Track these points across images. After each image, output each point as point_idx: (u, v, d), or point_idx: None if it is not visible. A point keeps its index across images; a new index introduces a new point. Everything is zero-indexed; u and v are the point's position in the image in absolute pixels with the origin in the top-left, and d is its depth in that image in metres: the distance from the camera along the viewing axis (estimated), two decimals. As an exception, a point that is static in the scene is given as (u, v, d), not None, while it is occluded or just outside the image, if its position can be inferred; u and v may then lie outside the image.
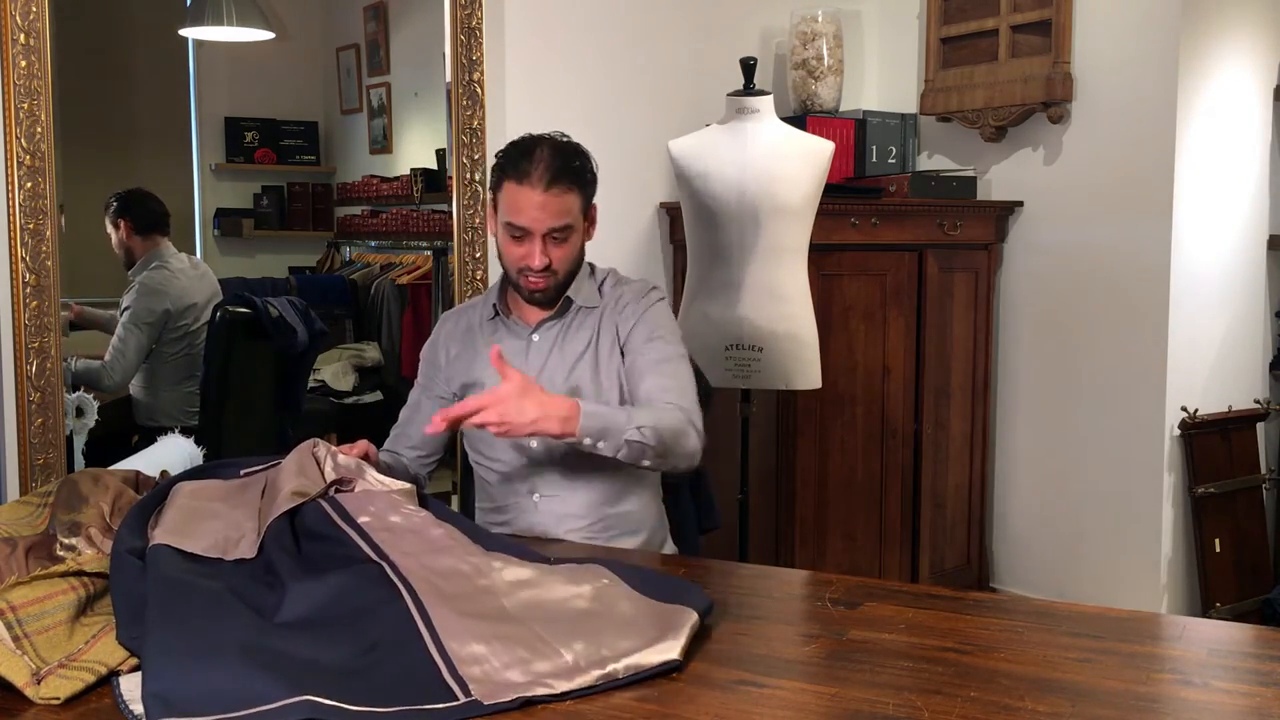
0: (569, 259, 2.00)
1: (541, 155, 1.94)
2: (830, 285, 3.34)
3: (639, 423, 1.84)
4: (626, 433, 1.82)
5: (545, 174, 1.92)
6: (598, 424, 1.80)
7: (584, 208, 2.01)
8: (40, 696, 1.24)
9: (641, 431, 1.83)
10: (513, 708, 1.22)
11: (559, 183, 1.93)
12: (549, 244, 1.96)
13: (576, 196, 1.97)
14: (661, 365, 2.00)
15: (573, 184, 1.95)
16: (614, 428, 1.82)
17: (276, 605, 1.41)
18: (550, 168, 1.93)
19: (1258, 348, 3.71)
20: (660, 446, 1.87)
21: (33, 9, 2.33)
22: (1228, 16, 3.45)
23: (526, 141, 1.99)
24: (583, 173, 1.99)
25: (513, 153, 1.98)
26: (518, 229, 1.95)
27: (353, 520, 1.59)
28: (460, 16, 3.01)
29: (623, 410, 1.88)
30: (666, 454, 1.89)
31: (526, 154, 1.95)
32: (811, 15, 3.64)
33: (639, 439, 1.83)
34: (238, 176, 4.29)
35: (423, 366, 2.18)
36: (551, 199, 1.93)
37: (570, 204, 1.96)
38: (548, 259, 1.96)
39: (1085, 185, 3.56)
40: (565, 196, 1.94)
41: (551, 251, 1.97)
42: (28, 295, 2.36)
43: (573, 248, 2.00)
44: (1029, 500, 3.81)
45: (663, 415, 1.90)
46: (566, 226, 1.96)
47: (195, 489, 1.70)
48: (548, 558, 1.65)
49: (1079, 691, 1.27)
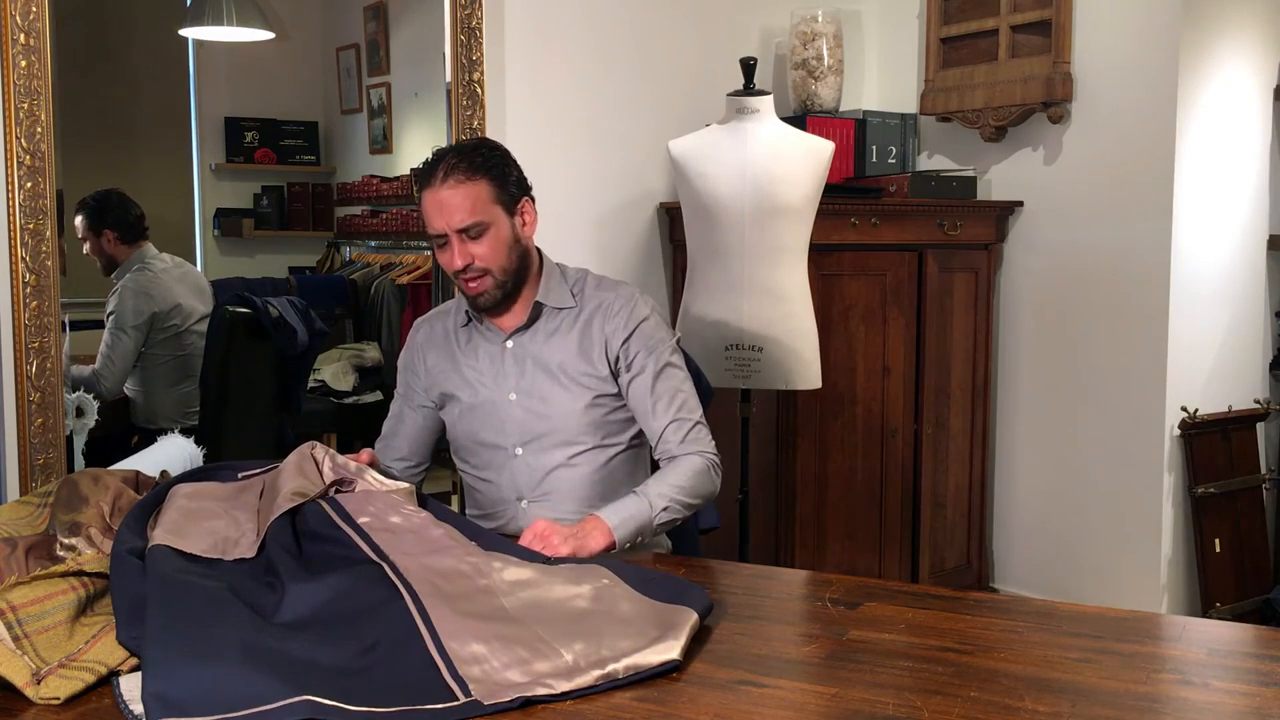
0: (495, 255, 1.94)
1: (445, 158, 1.93)
2: (830, 285, 3.34)
3: (663, 503, 1.90)
4: (656, 520, 1.89)
5: (443, 171, 1.91)
6: (630, 530, 1.85)
7: (501, 198, 1.94)
8: (40, 696, 1.24)
9: (667, 510, 1.91)
10: (513, 708, 1.22)
11: (455, 174, 1.90)
12: (466, 242, 1.92)
13: (482, 186, 1.91)
14: (671, 395, 2.01)
15: (473, 173, 1.91)
16: (644, 524, 1.88)
17: (276, 605, 1.41)
18: (449, 165, 1.91)
19: (1258, 348, 3.71)
20: (686, 510, 1.95)
21: (33, 9, 2.32)
22: (1228, 16, 3.45)
23: (436, 152, 1.97)
24: (486, 161, 1.93)
25: (423, 166, 1.97)
26: (436, 237, 1.94)
27: (353, 520, 1.59)
28: (460, 16, 3.01)
29: (642, 498, 1.90)
30: (692, 510, 1.98)
31: (434, 162, 1.94)
32: (811, 15, 3.64)
33: (667, 518, 1.91)
34: (238, 176, 4.29)
35: (401, 375, 2.16)
36: (451, 191, 1.90)
37: (474, 194, 1.90)
38: (469, 257, 1.92)
39: (1085, 185, 3.56)
40: (465, 187, 1.90)
41: (472, 249, 1.92)
42: (28, 295, 2.35)
43: (495, 243, 1.94)
44: (1029, 500, 3.81)
45: (680, 473, 1.95)
46: (477, 223, 1.91)
47: (194, 490, 1.70)
48: (548, 558, 1.65)
49: (1079, 691, 1.27)
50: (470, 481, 2.12)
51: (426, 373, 2.11)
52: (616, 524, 1.83)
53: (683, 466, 1.97)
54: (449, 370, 2.08)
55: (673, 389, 2.02)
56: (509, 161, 1.98)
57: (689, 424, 2.01)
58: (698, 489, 1.96)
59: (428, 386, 2.11)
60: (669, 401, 2.01)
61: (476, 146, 1.97)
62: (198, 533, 1.56)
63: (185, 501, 1.65)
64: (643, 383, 2.01)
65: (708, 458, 2.00)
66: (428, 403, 2.12)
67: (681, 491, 1.93)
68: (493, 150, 1.97)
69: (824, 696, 1.28)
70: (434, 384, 2.10)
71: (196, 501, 1.66)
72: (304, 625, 1.36)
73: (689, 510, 1.96)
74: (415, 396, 2.13)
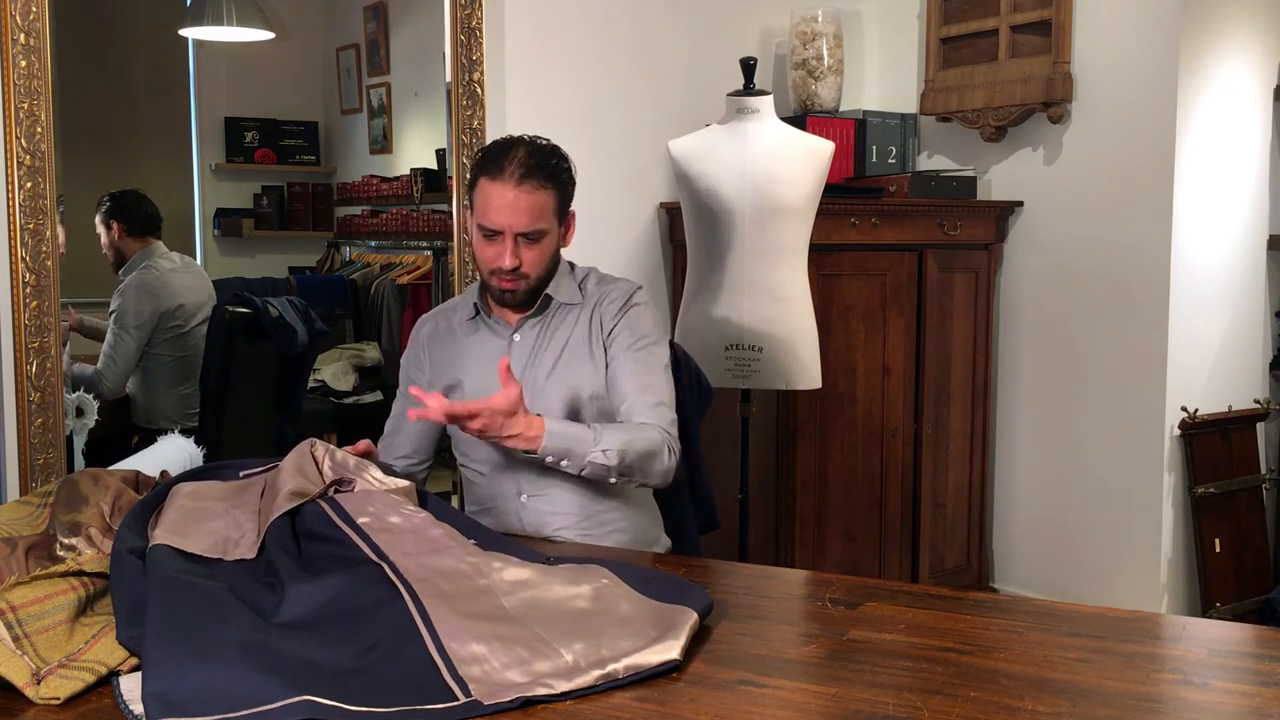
0: (541, 263, 1.98)
1: (517, 153, 1.93)
2: (830, 285, 3.34)
3: (605, 445, 1.88)
4: (590, 454, 1.88)
5: (518, 170, 1.91)
6: (561, 444, 1.86)
7: (558, 210, 1.98)
8: (40, 696, 1.24)
9: (606, 454, 1.88)
10: (513, 707, 1.22)
11: (531, 178, 1.91)
12: (520, 245, 1.94)
13: (550, 196, 1.94)
14: (643, 378, 2.01)
15: (546, 181, 1.93)
16: (578, 449, 1.87)
17: (276, 606, 1.41)
18: (524, 164, 1.92)
19: (1258, 348, 3.71)
20: (624, 467, 1.91)
21: (33, 9, 2.32)
22: (1228, 16, 3.45)
23: (505, 141, 1.98)
24: (558, 172, 1.96)
25: (490, 151, 1.97)
26: (489, 230, 1.94)
27: (352, 521, 1.59)
28: (460, 16, 3.01)
29: (591, 430, 1.90)
30: (632, 474, 1.94)
31: (503, 152, 1.94)
32: (811, 15, 3.64)
33: (602, 461, 1.88)
34: (238, 176, 4.30)
35: (404, 373, 2.17)
36: (523, 195, 1.91)
37: (542, 203, 1.93)
38: (518, 260, 1.94)
39: (1085, 185, 3.56)
40: (537, 194, 1.92)
41: (523, 253, 1.94)
42: (28, 295, 2.36)
43: (545, 251, 1.97)
44: (1029, 500, 3.81)
45: (636, 436, 1.92)
46: (539, 230, 1.94)
47: (195, 489, 1.70)
48: (547, 557, 1.65)
49: (1079, 691, 1.27)
50: (470, 476, 2.12)
51: (431, 368, 2.12)
52: (554, 432, 1.85)
53: (641, 432, 1.94)
54: (454, 363, 2.09)
55: (647, 368, 2.01)
56: (573, 173, 2.01)
57: (654, 400, 1.99)
58: (646, 456, 1.92)
59: (431, 382, 2.11)
60: (638, 377, 2.00)
61: (553, 151, 1.97)
62: (199, 533, 1.56)
63: (186, 501, 1.65)
64: (618, 359, 2.01)
65: (665, 436, 1.97)
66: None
67: (631, 451, 1.90)
68: (564, 160, 1.99)
69: (824, 696, 1.28)
70: (438, 379, 2.10)
71: (197, 501, 1.66)
72: (304, 625, 1.36)
73: (626, 472, 1.92)
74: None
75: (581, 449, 1.87)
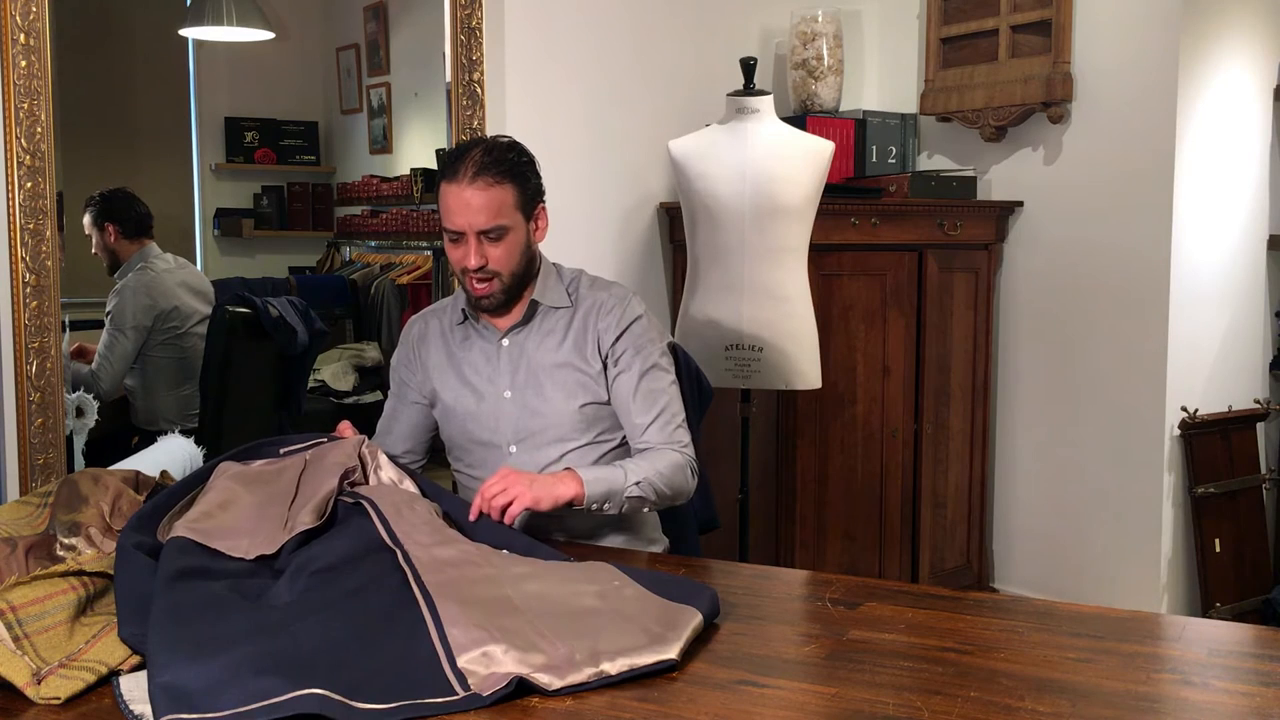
0: (509, 260, 1.96)
1: (472, 154, 1.92)
2: (830, 285, 3.34)
3: (636, 478, 1.91)
4: (626, 490, 1.90)
5: (471, 168, 1.90)
6: (601, 489, 1.88)
7: (522, 204, 1.95)
8: (40, 696, 1.24)
9: (640, 486, 1.92)
10: (510, 692, 1.23)
11: (485, 175, 1.90)
12: (484, 244, 1.92)
13: (508, 191, 1.92)
14: (656, 403, 2.01)
15: (502, 177, 1.91)
16: (615, 490, 1.89)
17: (283, 600, 1.44)
18: (478, 163, 1.90)
19: (1258, 348, 3.71)
20: (658, 496, 1.95)
21: (33, 9, 2.32)
22: (1228, 16, 3.45)
23: (463, 144, 1.97)
24: (516, 167, 1.94)
25: (449, 155, 1.97)
26: (453, 233, 1.94)
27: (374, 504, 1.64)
28: (460, 16, 3.01)
29: (619, 468, 1.92)
30: (663, 500, 1.98)
31: (459, 155, 1.93)
32: (811, 15, 3.64)
33: (638, 494, 1.92)
34: (238, 176, 4.30)
35: (395, 373, 2.16)
36: (478, 193, 1.89)
37: (499, 199, 1.91)
38: (484, 259, 1.93)
39: (1085, 185, 3.56)
40: (493, 190, 1.90)
41: (488, 251, 1.93)
42: (28, 295, 2.35)
43: (512, 248, 1.95)
44: (1029, 500, 3.81)
45: (660, 461, 1.96)
46: (499, 226, 1.92)
47: (238, 473, 1.73)
48: (559, 554, 1.66)
49: (1079, 691, 1.27)
50: (464, 480, 2.12)
51: (421, 369, 2.11)
52: (590, 479, 1.86)
53: (663, 458, 1.97)
54: (444, 367, 2.08)
55: (657, 390, 2.02)
56: (534, 167, 1.99)
57: (671, 425, 2.02)
58: (673, 481, 1.97)
59: (422, 382, 2.11)
60: (652, 401, 2.01)
61: (509, 148, 1.96)
62: (223, 529, 1.58)
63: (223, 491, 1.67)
64: (627, 380, 2.01)
65: (686, 456, 2.01)
66: (421, 399, 2.12)
67: (659, 478, 1.94)
68: (521, 154, 1.97)
69: (824, 696, 1.28)
70: (428, 380, 2.10)
71: (231, 491, 1.68)
72: (311, 619, 1.37)
73: (659, 499, 1.96)
74: (409, 393, 2.13)
75: (618, 489, 1.90)
